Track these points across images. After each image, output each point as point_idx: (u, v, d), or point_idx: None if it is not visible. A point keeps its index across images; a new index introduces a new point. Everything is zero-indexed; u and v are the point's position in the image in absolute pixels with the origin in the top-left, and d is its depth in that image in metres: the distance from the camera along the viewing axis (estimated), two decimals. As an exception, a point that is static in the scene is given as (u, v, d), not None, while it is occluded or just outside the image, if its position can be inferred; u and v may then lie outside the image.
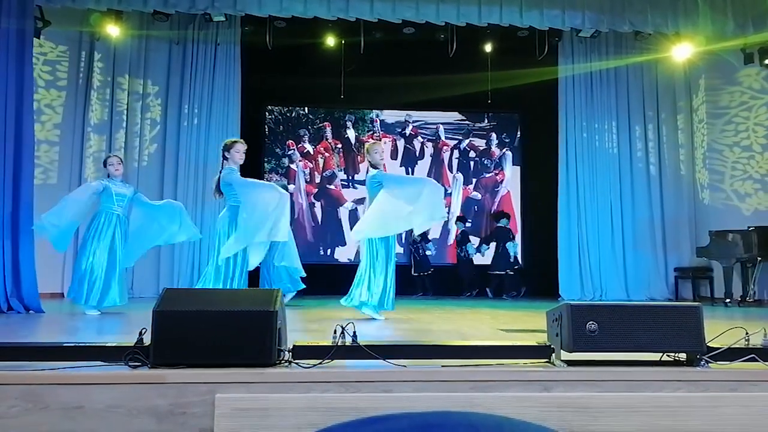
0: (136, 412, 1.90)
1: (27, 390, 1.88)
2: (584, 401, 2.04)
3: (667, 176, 8.92)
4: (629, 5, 7.25)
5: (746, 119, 8.16)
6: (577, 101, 8.90)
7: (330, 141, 9.77)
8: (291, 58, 8.67)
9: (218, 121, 8.50)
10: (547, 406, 2.01)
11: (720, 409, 2.03)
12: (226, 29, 8.50)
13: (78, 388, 1.90)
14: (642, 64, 8.91)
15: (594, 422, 2.01)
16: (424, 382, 2.06)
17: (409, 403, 1.95)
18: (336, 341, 2.18)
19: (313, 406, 1.92)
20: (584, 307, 2.25)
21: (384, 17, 7.17)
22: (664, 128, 9.02)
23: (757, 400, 2.04)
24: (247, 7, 7.03)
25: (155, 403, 1.92)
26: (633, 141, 8.97)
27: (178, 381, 1.95)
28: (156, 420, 1.91)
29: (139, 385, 1.94)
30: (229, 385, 1.95)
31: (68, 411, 1.88)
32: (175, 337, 2.05)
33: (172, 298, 2.17)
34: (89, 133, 8.01)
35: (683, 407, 2.05)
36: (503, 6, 7.10)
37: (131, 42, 8.26)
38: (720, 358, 2.23)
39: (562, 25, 7.43)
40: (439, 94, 9.17)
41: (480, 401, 1.99)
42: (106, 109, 8.18)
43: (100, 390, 1.91)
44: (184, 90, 8.52)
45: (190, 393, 1.93)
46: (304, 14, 7.07)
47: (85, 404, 1.89)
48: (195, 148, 8.45)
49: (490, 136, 9.97)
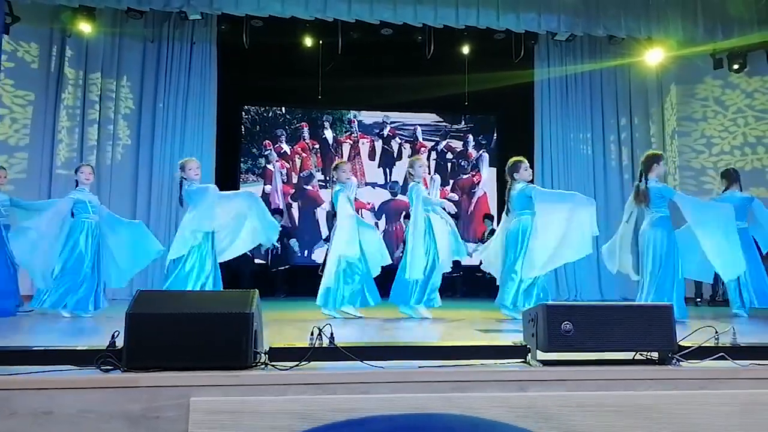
0: (107, 417, 1.86)
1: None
2: (560, 400, 2.06)
3: (639, 179, 9.08)
4: (603, 10, 7.38)
5: (716, 123, 8.37)
6: (553, 104, 9.01)
7: (307, 141, 9.72)
8: (268, 58, 8.60)
9: (194, 120, 8.39)
10: (524, 406, 2.02)
11: (691, 406, 2.07)
12: (202, 28, 8.40)
13: (47, 393, 1.85)
14: (616, 68, 9.09)
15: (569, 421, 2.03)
16: (402, 383, 2.05)
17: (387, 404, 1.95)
18: (313, 343, 2.16)
19: (290, 408, 1.90)
20: (559, 308, 2.28)
21: (362, 18, 7.17)
22: (636, 132, 9.19)
23: (727, 397, 2.09)
24: (223, 5, 6.96)
25: (127, 408, 1.87)
26: (607, 143, 9.12)
27: (151, 384, 1.91)
28: (128, 424, 1.86)
29: (111, 389, 1.89)
30: (203, 388, 1.92)
31: (37, 417, 1.82)
32: (148, 340, 2.01)
33: (146, 301, 2.13)
34: (60, 131, 7.83)
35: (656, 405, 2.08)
36: (480, 8, 7.17)
37: (104, 39, 8.10)
38: (691, 356, 2.27)
39: (538, 28, 7.53)
40: (416, 96, 9.20)
41: (457, 401, 2.00)
42: (78, 108, 8.00)
43: (70, 395, 1.86)
44: (158, 89, 8.39)
45: (163, 397, 1.90)
46: (281, 14, 7.03)
47: (54, 410, 1.83)
48: (170, 147, 8.32)
49: (467, 137, 10.04)
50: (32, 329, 4.08)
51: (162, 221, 8.08)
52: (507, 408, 2.01)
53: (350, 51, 8.18)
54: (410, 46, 8.21)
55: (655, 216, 4.83)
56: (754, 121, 8.11)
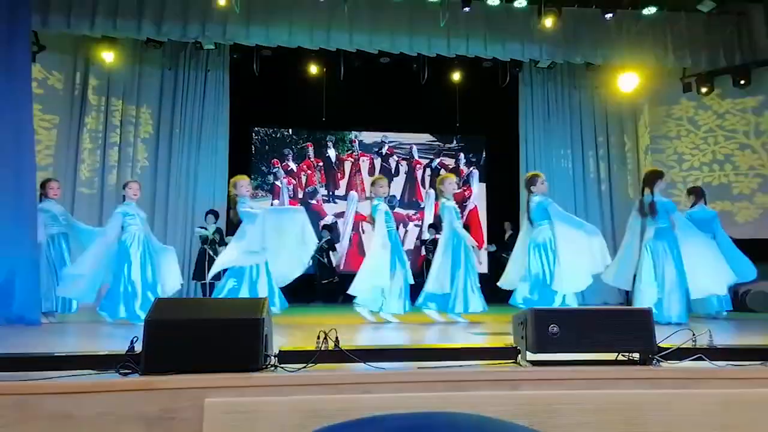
0: (125, 419, 1.82)
1: (16, 400, 1.78)
2: (548, 398, 2.03)
3: (616, 195, 9.11)
4: (581, 40, 7.43)
5: (688, 141, 8.40)
6: (536, 124, 9.05)
7: (312, 160, 9.73)
8: (276, 84, 8.64)
9: (208, 141, 8.41)
10: (516, 404, 1.99)
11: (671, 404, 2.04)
12: (215, 57, 8.44)
13: (67, 396, 1.81)
14: (593, 93, 9.14)
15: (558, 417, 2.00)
16: (402, 383, 2.02)
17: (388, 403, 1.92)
18: (319, 346, 2.13)
19: (299, 408, 1.86)
20: (547, 312, 2.26)
21: (362, 48, 7.22)
22: (612, 149, 9.24)
23: (705, 396, 2.06)
24: (235, 36, 7.00)
25: (145, 409, 1.83)
26: (585, 159, 9.15)
27: (167, 387, 1.87)
28: (145, 425, 1.82)
29: (129, 392, 1.85)
30: (217, 390, 1.88)
31: (57, 420, 1.78)
32: (165, 345, 1.97)
33: (163, 308, 2.11)
34: (82, 153, 7.82)
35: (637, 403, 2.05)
36: (469, 39, 7.22)
37: (125, 67, 8.12)
38: (670, 357, 2.25)
39: (522, 56, 7.59)
40: (412, 117, 9.29)
41: (454, 400, 1.97)
42: (100, 132, 8.00)
43: (89, 398, 1.81)
44: (175, 112, 8.41)
45: (179, 398, 1.86)
46: (288, 44, 7.07)
47: (74, 412, 1.79)
48: (185, 166, 8.32)
49: (458, 155, 10.06)
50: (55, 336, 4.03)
51: (177, 237, 8.04)
52: (500, 406, 1.97)
53: (352, 77, 8.22)
54: (406, 73, 8.25)
55: (660, 227, 4.83)
56: (723, 140, 8.13)
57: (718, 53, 7.58)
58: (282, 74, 8.43)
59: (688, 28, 7.45)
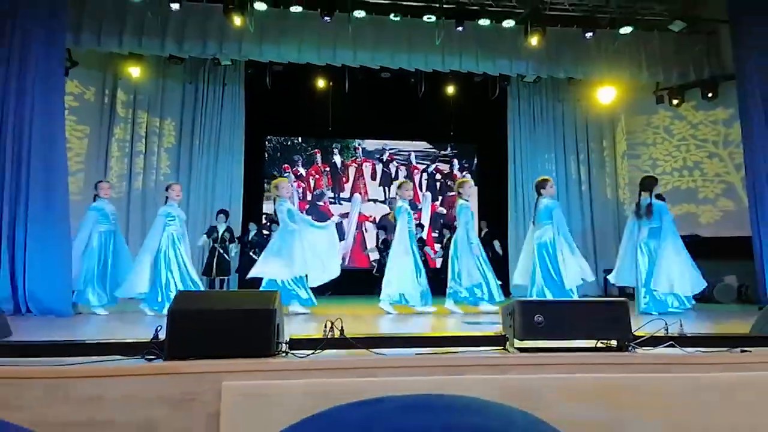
0: (150, 401, 1.82)
1: (49, 384, 1.78)
2: (534, 381, 2.03)
3: (596, 195, 9.11)
4: (563, 56, 7.44)
5: (662, 148, 8.39)
6: (524, 132, 9.05)
7: (320, 165, 9.73)
8: (287, 96, 8.64)
9: (225, 149, 8.42)
10: (504, 387, 1.99)
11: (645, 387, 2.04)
12: (232, 72, 8.44)
13: (98, 380, 1.81)
14: (574, 104, 9.14)
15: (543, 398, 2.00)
16: (401, 368, 2.02)
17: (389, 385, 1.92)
18: (326, 334, 2.13)
19: (308, 390, 1.87)
20: (532, 303, 2.26)
21: (365, 64, 7.23)
22: (592, 153, 9.24)
23: (676, 380, 2.06)
24: (250, 53, 7.01)
25: (168, 392, 1.84)
26: (568, 166, 9.15)
27: (188, 371, 1.88)
28: (168, 406, 1.83)
29: (154, 376, 1.86)
30: (234, 374, 1.89)
31: (88, 401, 1.78)
32: (187, 333, 1.98)
33: (185, 300, 2.11)
34: (111, 160, 7.82)
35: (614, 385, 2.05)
36: (462, 56, 7.24)
37: (150, 82, 8.12)
38: (645, 344, 2.25)
39: (510, 71, 7.60)
40: (410, 127, 9.29)
41: (449, 382, 1.97)
42: (127, 141, 8.00)
43: (118, 382, 1.82)
44: (195, 123, 8.41)
45: (199, 382, 1.86)
46: (298, 60, 7.08)
47: (104, 394, 1.79)
48: (204, 172, 8.33)
49: (452, 161, 10.05)
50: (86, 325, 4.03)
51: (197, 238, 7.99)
52: (490, 388, 1.97)
53: (355, 90, 8.22)
54: (405, 87, 8.25)
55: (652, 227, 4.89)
56: (694, 148, 8.13)
57: (688, 69, 7.59)
58: (292, 88, 8.44)
59: (660, 46, 7.46)
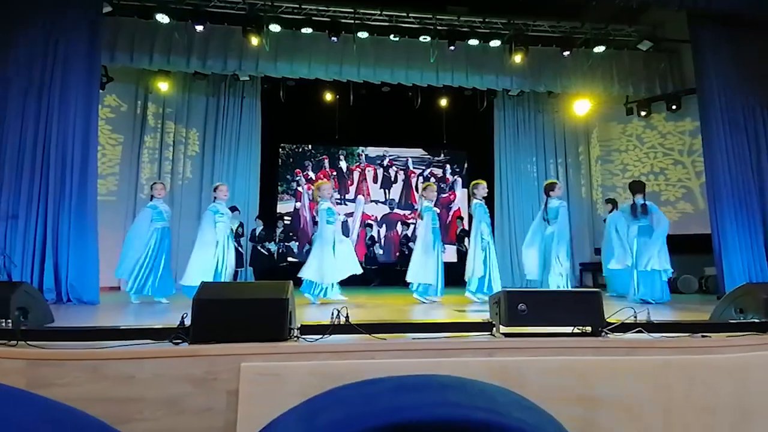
0: (176, 379, 1.82)
1: (89, 364, 1.78)
2: (518, 363, 2.03)
3: (573, 196, 9.07)
4: (544, 73, 7.43)
5: (633, 155, 8.37)
6: (508, 141, 9.03)
7: (327, 170, 9.72)
8: (299, 108, 8.63)
9: (243, 155, 8.40)
10: (492, 368, 1.99)
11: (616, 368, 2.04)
12: (249, 86, 8.42)
13: (130, 361, 1.81)
14: (554, 115, 9.11)
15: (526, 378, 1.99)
16: (400, 351, 2.02)
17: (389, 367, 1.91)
18: (333, 321, 2.13)
19: (317, 371, 1.86)
20: (516, 293, 2.25)
21: (368, 79, 7.23)
22: (569, 157, 9.22)
23: (644, 361, 2.06)
24: (265, 70, 7.02)
25: (192, 372, 1.84)
26: (548, 167, 9.11)
27: (211, 354, 1.88)
28: (192, 384, 1.83)
29: (180, 358, 1.86)
30: (251, 356, 1.89)
31: (122, 380, 1.78)
32: (209, 320, 1.98)
33: (208, 290, 2.10)
34: (142, 165, 7.81)
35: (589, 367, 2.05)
36: (454, 72, 7.25)
37: (177, 95, 8.10)
38: (616, 330, 2.24)
39: (496, 86, 7.60)
40: (407, 135, 9.27)
41: (442, 365, 1.97)
42: (156, 149, 7.98)
43: (147, 363, 1.82)
44: (217, 132, 8.38)
45: (220, 363, 1.86)
46: (308, 76, 7.09)
47: (135, 374, 1.80)
48: (225, 175, 8.31)
49: (445, 166, 10.04)
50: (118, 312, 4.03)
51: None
52: (479, 369, 1.97)
53: (359, 103, 8.21)
54: (403, 99, 8.23)
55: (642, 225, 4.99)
56: (662, 155, 8.10)
57: (654, 83, 7.59)
58: (303, 100, 8.43)
59: (630, 63, 7.47)
